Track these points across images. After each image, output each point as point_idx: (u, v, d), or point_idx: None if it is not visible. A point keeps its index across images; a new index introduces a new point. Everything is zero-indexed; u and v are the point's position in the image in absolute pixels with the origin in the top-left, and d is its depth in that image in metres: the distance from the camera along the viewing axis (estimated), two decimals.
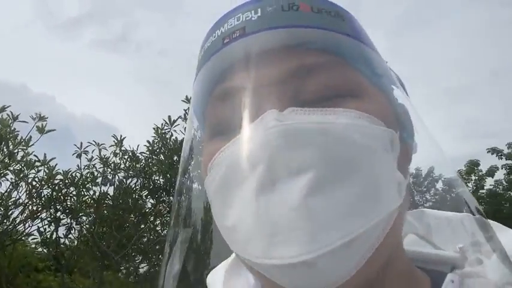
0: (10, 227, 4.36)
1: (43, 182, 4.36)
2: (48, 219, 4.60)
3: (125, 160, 5.04)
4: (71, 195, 4.63)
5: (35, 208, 4.37)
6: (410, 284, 0.41)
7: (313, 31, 0.38)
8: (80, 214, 4.74)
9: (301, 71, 0.38)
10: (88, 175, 4.73)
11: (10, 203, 4.31)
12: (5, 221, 4.33)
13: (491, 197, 9.63)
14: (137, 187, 5.13)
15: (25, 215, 4.29)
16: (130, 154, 5.06)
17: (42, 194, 4.40)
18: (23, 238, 4.72)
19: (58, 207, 4.57)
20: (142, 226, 5.08)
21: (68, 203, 4.62)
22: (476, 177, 10.06)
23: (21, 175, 4.32)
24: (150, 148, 5.10)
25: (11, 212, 4.33)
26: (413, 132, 0.43)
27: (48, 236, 4.68)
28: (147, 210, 5.18)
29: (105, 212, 4.92)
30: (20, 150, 4.27)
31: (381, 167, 0.35)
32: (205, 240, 0.46)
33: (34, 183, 4.33)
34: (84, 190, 4.66)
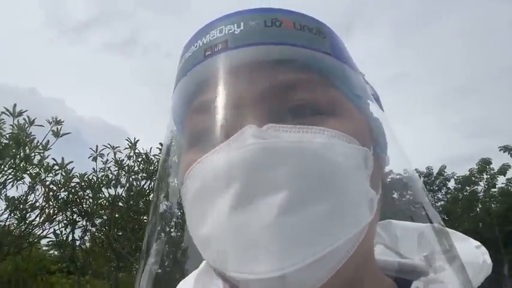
0: (27, 230, 4.40)
1: (60, 185, 4.40)
2: (65, 221, 4.64)
3: (138, 163, 5.07)
4: (86, 197, 4.67)
5: (51, 211, 4.41)
6: (379, 286, 0.42)
7: (295, 49, 0.39)
8: (95, 216, 4.78)
9: (281, 88, 0.38)
10: (103, 178, 4.77)
11: (27, 206, 4.35)
12: (21, 224, 4.38)
13: (503, 195, 9.57)
14: (151, 189, 5.16)
15: (42, 218, 4.33)
16: (143, 157, 5.10)
17: (59, 197, 4.43)
18: (40, 241, 4.76)
19: (74, 209, 4.61)
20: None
21: (84, 206, 4.66)
22: (488, 176, 9.99)
23: (37, 179, 4.36)
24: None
25: (28, 215, 4.37)
26: (386, 147, 0.44)
27: (64, 239, 4.73)
28: None
29: (117, 214, 4.95)
30: (36, 154, 4.32)
31: (353, 185, 0.36)
32: (179, 249, 0.46)
33: (51, 186, 4.37)
34: (100, 193, 4.70)
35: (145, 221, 5.18)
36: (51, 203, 4.39)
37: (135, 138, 5.06)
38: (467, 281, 0.38)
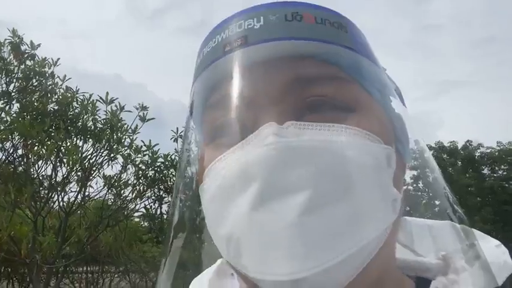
0: (122, 204, 4.93)
1: (147, 165, 4.83)
2: (153, 197, 5.10)
3: None
4: (170, 176, 5.06)
5: (141, 188, 4.87)
6: (397, 285, 0.41)
7: (316, 43, 0.37)
8: None
9: (301, 83, 0.37)
10: None
11: (121, 184, 4.86)
12: (117, 199, 4.92)
13: None
14: None
15: (134, 194, 4.81)
16: None
17: (148, 176, 4.88)
18: (134, 214, 5.31)
19: (160, 186, 5.03)
20: None
21: (169, 183, 5.06)
22: None
23: (128, 159, 4.83)
24: None
25: (122, 191, 4.89)
26: (408, 144, 0.43)
27: (153, 212, 5.21)
28: None
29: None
30: (126, 137, 4.77)
31: (377, 186, 0.35)
32: (196, 246, 0.45)
33: (141, 165, 4.83)
34: None
35: None
36: (141, 181, 4.87)
37: None
38: (491, 281, 0.37)
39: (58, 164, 4.63)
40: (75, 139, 4.71)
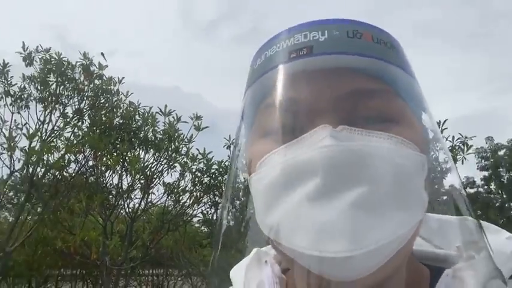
0: (181, 210, 5.21)
1: (203, 172, 5.08)
2: (209, 203, 5.33)
3: None
4: (224, 182, 5.25)
5: (198, 194, 5.12)
6: (415, 273, 0.47)
7: (373, 60, 0.43)
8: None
9: (356, 95, 0.42)
10: None
11: (179, 190, 5.14)
12: (176, 205, 5.21)
13: None
14: None
15: (192, 200, 5.07)
16: None
17: (203, 182, 5.12)
18: (192, 220, 5.58)
19: (216, 192, 5.24)
20: None
21: (223, 189, 5.26)
22: None
23: (185, 167, 5.11)
24: None
25: (180, 198, 5.17)
26: (429, 153, 0.46)
27: (210, 217, 5.43)
28: None
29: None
30: (183, 146, 5.06)
31: (416, 189, 0.40)
32: (240, 234, 0.49)
33: (197, 173, 5.09)
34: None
35: None
36: (197, 187, 5.12)
37: None
38: (495, 269, 0.42)
39: (123, 173, 5.01)
40: (138, 150, 5.08)
